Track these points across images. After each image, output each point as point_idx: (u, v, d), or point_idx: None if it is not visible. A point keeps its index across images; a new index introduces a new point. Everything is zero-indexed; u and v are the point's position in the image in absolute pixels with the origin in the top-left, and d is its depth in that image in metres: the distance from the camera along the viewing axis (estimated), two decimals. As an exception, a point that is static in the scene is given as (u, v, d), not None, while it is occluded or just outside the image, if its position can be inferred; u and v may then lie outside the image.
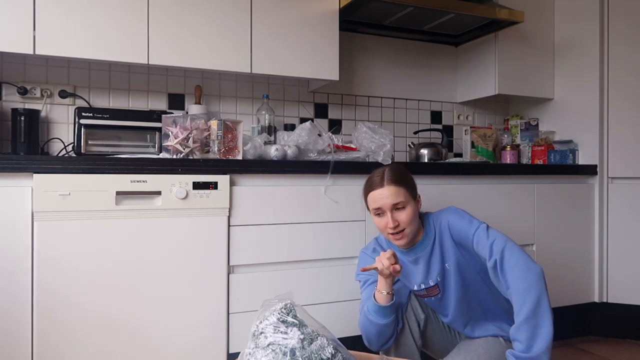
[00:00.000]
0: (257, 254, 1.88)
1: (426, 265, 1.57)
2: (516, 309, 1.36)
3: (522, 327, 1.33)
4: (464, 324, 1.61)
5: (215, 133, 1.88)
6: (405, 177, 1.54)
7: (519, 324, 1.34)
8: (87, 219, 1.64)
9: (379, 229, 1.58)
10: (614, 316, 2.55)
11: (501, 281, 1.42)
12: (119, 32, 1.95)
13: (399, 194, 1.49)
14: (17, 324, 1.57)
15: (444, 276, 1.56)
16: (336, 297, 2.00)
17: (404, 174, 1.54)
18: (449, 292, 1.57)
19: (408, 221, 1.49)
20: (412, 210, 1.51)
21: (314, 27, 2.27)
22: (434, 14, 2.42)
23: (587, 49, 2.64)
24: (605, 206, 2.59)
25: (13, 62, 2.11)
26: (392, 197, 1.48)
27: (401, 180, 1.51)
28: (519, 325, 1.34)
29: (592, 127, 2.60)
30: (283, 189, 1.92)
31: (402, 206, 1.49)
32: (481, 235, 1.45)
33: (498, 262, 1.39)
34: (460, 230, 1.51)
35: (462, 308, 1.58)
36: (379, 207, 1.51)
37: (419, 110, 2.91)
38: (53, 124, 2.17)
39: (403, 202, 1.49)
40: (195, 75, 2.40)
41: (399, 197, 1.49)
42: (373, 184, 1.53)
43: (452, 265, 1.54)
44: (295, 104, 2.62)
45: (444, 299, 1.59)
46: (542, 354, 1.31)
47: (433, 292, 1.59)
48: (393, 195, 1.48)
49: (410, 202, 1.51)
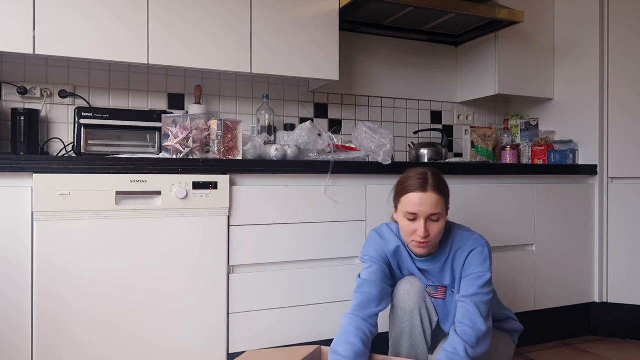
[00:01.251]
0: (258, 254, 1.88)
1: (435, 276, 1.57)
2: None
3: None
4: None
5: (215, 133, 1.88)
6: (445, 186, 1.47)
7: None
8: (87, 219, 1.64)
9: (403, 231, 1.49)
10: (614, 316, 2.55)
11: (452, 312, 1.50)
12: (119, 32, 1.95)
13: (439, 204, 1.42)
14: (17, 325, 1.57)
15: (452, 293, 1.56)
16: (336, 297, 2.00)
17: (444, 183, 1.47)
18: (453, 305, 1.57)
19: (437, 234, 1.44)
20: (444, 224, 1.45)
21: (314, 27, 2.27)
22: (434, 14, 2.42)
23: (587, 49, 2.64)
24: (605, 206, 2.59)
25: (13, 62, 2.11)
26: (432, 207, 1.41)
27: (442, 189, 1.45)
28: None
29: (592, 127, 2.60)
30: (283, 189, 1.92)
31: (437, 219, 1.42)
32: (475, 282, 1.46)
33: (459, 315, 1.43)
34: (470, 262, 1.50)
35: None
36: (415, 213, 1.42)
37: (419, 110, 2.91)
38: (53, 124, 2.17)
39: (439, 215, 1.42)
40: (195, 75, 2.40)
41: (438, 208, 1.41)
42: (413, 186, 1.43)
43: (456, 289, 1.54)
44: (295, 104, 2.62)
45: (447, 306, 1.59)
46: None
47: (438, 294, 1.59)
48: (433, 204, 1.41)
49: (444, 216, 1.45)
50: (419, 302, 1.53)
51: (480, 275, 1.46)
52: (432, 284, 1.59)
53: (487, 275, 1.46)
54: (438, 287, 1.58)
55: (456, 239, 1.53)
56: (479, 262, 1.48)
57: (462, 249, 1.51)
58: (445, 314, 1.60)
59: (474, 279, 1.47)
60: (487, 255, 1.50)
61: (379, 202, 2.05)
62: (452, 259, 1.53)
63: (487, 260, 1.49)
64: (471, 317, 1.41)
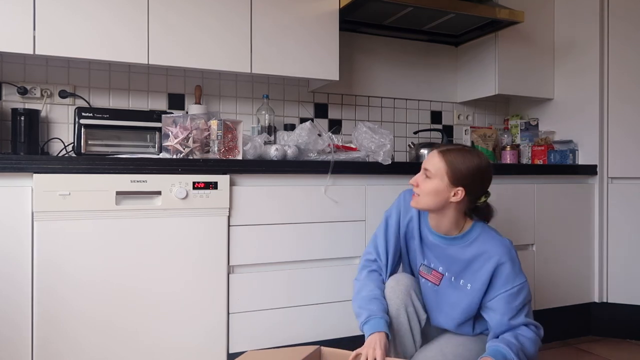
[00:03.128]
0: (258, 254, 1.88)
1: (444, 257, 1.55)
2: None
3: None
4: (443, 326, 1.60)
5: (215, 133, 1.88)
6: (459, 163, 1.46)
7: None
8: (87, 219, 1.64)
9: None
10: (614, 316, 2.55)
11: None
12: (119, 32, 1.95)
13: (436, 165, 1.47)
14: (17, 325, 1.57)
15: (451, 281, 1.54)
16: (336, 297, 2.00)
17: (461, 160, 1.46)
18: (446, 296, 1.55)
19: (425, 191, 1.48)
20: (436, 187, 1.46)
21: (314, 27, 2.27)
22: (434, 14, 2.42)
23: (587, 49, 2.64)
24: (605, 206, 2.59)
25: (13, 62, 2.11)
26: (429, 163, 1.48)
27: (451, 160, 1.46)
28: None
29: (592, 127, 2.60)
30: (283, 189, 1.92)
31: (429, 176, 1.48)
32: (516, 302, 1.46)
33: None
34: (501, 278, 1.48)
35: (447, 319, 1.57)
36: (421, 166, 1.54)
37: (419, 110, 2.91)
38: (53, 124, 2.17)
39: (432, 174, 1.47)
40: (195, 75, 2.40)
41: (433, 167, 1.47)
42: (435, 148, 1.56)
43: (473, 289, 1.50)
44: (295, 104, 2.62)
45: (439, 295, 1.57)
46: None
47: (434, 278, 1.56)
48: (431, 162, 1.48)
49: (439, 180, 1.46)
50: (404, 299, 1.52)
51: (520, 289, 1.46)
52: (428, 265, 1.58)
53: (525, 286, 1.47)
54: (432, 270, 1.57)
55: (483, 236, 1.51)
56: (515, 275, 1.47)
57: (489, 253, 1.48)
58: (436, 303, 1.57)
59: (514, 296, 1.45)
60: (517, 267, 1.49)
61: (379, 202, 2.05)
62: (473, 257, 1.50)
63: (520, 268, 1.49)
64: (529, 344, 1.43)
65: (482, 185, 1.50)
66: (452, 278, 1.54)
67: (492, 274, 1.46)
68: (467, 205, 1.51)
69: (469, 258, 1.50)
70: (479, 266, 1.48)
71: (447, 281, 1.55)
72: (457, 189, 1.45)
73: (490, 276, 1.46)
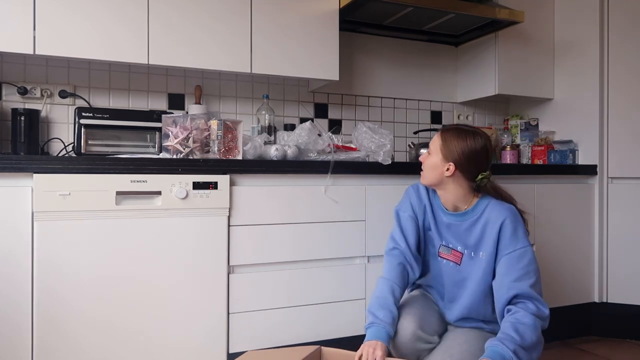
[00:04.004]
0: (257, 254, 1.88)
1: (460, 234, 1.60)
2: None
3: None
4: (460, 310, 1.61)
5: (215, 133, 1.88)
6: (452, 141, 1.59)
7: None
8: (87, 219, 1.64)
9: None
10: (614, 316, 2.55)
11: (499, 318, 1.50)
12: (119, 32, 1.95)
13: (435, 142, 1.62)
14: (17, 325, 1.57)
15: (471, 257, 1.58)
16: (336, 297, 2.00)
17: (455, 139, 1.59)
18: (468, 273, 1.58)
19: (426, 166, 1.63)
20: (433, 162, 1.60)
21: (314, 27, 2.27)
22: (434, 14, 2.42)
23: (587, 49, 2.64)
24: (605, 206, 2.59)
25: (13, 62, 2.11)
26: (431, 142, 1.65)
27: (445, 137, 1.60)
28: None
29: (592, 127, 2.60)
30: (283, 189, 1.92)
31: (430, 152, 1.63)
32: (519, 264, 1.49)
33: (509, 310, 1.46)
34: (504, 239, 1.52)
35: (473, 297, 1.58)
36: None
37: (419, 110, 2.91)
38: (53, 124, 2.17)
39: (431, 151, 1.62)
40: (195, 75, 2.40)
41: (432, 144, 1.63)
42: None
43: (486, 256, 1.55)
44: (295, 104, 2.62)
45: (462, 272, 1.59)
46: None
47: (454, 258, 1.61)
48: (434, 141, 1.64)
49: (437, 156, 1.59)
50: (415, 345, 1.54)
51: (522, 252, 1.50)
52: (447, 245, 1.63)
53: (529, 250, 1.50)
54: (451, 250, 1.61)
55: (490, 206, 1.58)
56: (516, 238, 1.51)
57: (495, 217, 1.55)
58: (459, 281, 1.60)
59: (518, 257, 1.49)
60: (521, 228, 1.54)
61: (379, 202, 2.05)
62: (483, 226, 1.56)
63: (523, 233, 1.54)
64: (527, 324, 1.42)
65: (475, 164, 1.57)
66: (471, 254, 1.58)
67: (498, 235, 1.52)
68: (467, 183, 1.58)
69: (481, 229, 1.56)
70: (489, 232, 1.55)
71: (468, 258, 1.58)
72: (449, 164, 1.56)
73: (497, 237, 1.53)
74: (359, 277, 2.04)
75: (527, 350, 1.38)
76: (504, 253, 1.51)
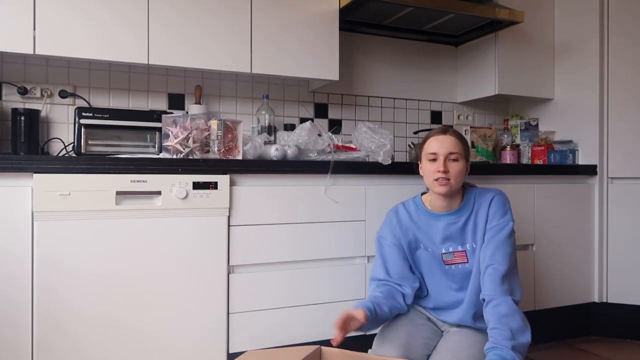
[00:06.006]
0: (257, 254, 1.88)
1: (458, 233, 1.60)
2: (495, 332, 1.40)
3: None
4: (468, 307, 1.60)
5: (215, 133, 1.88)
6: (464, 138, 1.62)
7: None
8: (87, 219, 1.64)
9: (425, 177, 1.61)
10: (614, 316, 2.55)
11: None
12: (119, 32, 1.95)
13: (457, 146, 1.56)
14: (17, 325, 1.57)
15: (474, 248, 1.59)
16: (336, 297, 2.00)
17: (464, 137, 1.62)
18: (473, 263, 1.58)
19: (456, 174, 1.54)
20: (462, 168, 1.56)
21: (314, 27, 2.27)
22: (434, 14, 2.42)
23: (587, 49, 2.64)
24: (605, 206, 2.59)
25: (13, 62, 2.11)
26: (451, 146, 1.55)
27: (462, 138, 1.59)
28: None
29: (592, 127, 2.60)
30: (283, 189, 1.92)
31: (455, 158, 1.55)
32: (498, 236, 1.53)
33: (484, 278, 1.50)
34: (493, 213, 1.57)
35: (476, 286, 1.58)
36: (435, 152, 1.56)
37: (419, 110, 2.91)
38: (53, 124, 2.17)
39: (458, 155, 1.55)
40: (195, 75, 2.40)
41: (457, 148, 1.55)
42: (435, 132, 1.61)
43: (478, 245, 1.57)
44: (295, 104, 2.62)
45: (469, 267, 1.59)
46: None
47: (461, 259, 1.60)
48: (452, 144, 1.55)
49: (462, 160, 1.57)
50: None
51: (503, 225, 1.54)
52: (448, 251, 1.61)
53: (509, 225, 1.55)
54: (454, 253, 1.60)
55: (478, 194, 1.62)
56: (502, 213, 1.56)
57: (484, 200, 1.59)
58: (467, 274, 1.59)
59: (497, 230, 1.54)
60: (506, 203, 1.59)
61: (379, 202, 2.05)
62: (476, 213, 1.58)
63: (508, 210, 1.58)
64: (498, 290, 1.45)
65: None
66: (473, 245, 1.59)
67: (487, 213, 1.56)
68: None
69: (474, 218, 1.59)
70: (481, 217, 1.58)
71: (471, 253, 1.59)
72: (468, 163, 1.60)
73: (487, 215, 1.56)
74: (359, 277, 2.04)
75: (519, 339, 1.39)
76: (490, 226, 1.55)
